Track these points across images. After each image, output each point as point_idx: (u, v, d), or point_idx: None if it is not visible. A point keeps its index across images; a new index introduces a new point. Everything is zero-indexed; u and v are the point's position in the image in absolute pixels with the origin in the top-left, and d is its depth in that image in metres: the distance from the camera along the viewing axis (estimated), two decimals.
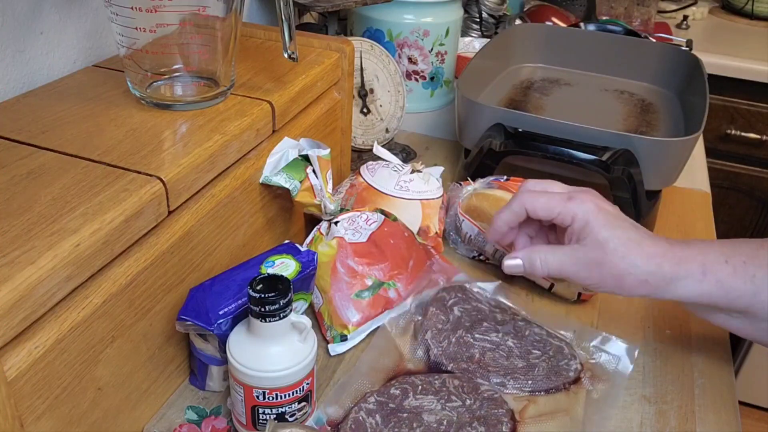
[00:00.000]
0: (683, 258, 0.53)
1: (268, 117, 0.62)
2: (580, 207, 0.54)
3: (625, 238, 0.53)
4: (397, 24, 1.02)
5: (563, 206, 0.54)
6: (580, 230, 0.54)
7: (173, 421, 0.54)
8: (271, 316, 0.47)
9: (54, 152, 0.51)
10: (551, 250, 0.55)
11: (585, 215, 0.53)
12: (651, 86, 1.02)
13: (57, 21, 0.65)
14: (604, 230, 0.53)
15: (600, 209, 0.54)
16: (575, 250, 0.54)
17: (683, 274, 0.52)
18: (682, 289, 0.53)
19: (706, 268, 0.52)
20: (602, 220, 0.53)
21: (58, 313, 0.42)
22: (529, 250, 0.56)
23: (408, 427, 0.52)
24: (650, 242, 0.53)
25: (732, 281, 0.52)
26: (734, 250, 0.53)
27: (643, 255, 0.52)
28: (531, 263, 0.56)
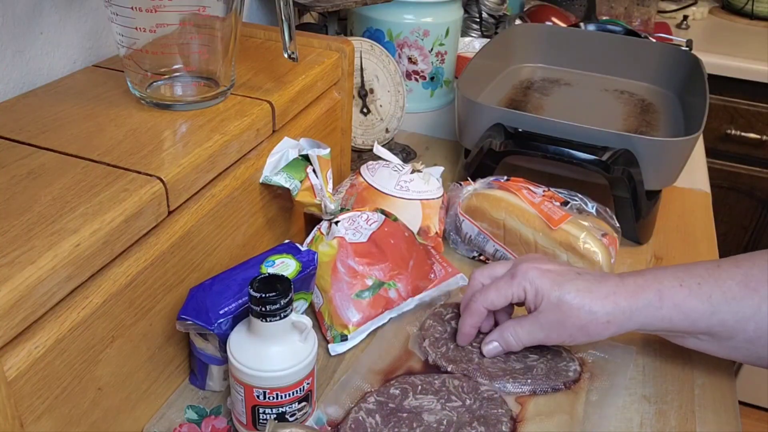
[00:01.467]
0: (637, 288, 0.54)
1: (268, 117, 0.62)
2: (525, 279, 0.56)
3: (575, 290, 0.54)
4: (397, 24, 1.02)
5: (511, 287, 0.57)
6: (533, 299, 0.56)
7: (173, 421, 0.54)
8: (271, 316, 0.47)
9: (54, 152, 0.51)
10: (519, 324, 0.58)
11: (532, 284, 0.56)
12: (651, 86, 1.02)
13: (57, 21, 0.65)
14: (554, 291, 0.54)
15: (543, 273, 0.56)
16: (537, 318, 0.56)
17: (641, 305, 0.53)
18: (644, 318, 0.54)
19: (662, 294, 0.53)
20: (548, 283, 0.55)
21: (58, 313, 0.42)
22: (501, 330, 0.59)
23: (408, 426, 0.52)
24: (598, 285, 0.55)
25: (689, 303, 0.53)
26: (688, 273, 0.54)
27: (597, 299, 0.54)
28: (506, 342, 0.58)
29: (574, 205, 0.70)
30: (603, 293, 0.54)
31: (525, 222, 0.68)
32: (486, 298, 0.58)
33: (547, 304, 0.55)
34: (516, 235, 0.69)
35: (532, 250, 0.69)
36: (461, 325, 0.60)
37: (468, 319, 0.60)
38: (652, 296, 0.53)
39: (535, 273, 0.56)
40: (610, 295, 0.54)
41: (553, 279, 0.55)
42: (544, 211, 0.68)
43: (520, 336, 0.57)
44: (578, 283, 0.55)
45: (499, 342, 0.59)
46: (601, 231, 0.67)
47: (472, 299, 0.59)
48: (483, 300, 0.58)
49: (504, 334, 0.58)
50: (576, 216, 0.68)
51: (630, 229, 0.77)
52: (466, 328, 0.60)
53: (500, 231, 0.70)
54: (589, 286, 0.54)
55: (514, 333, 0.58)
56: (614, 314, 0.53)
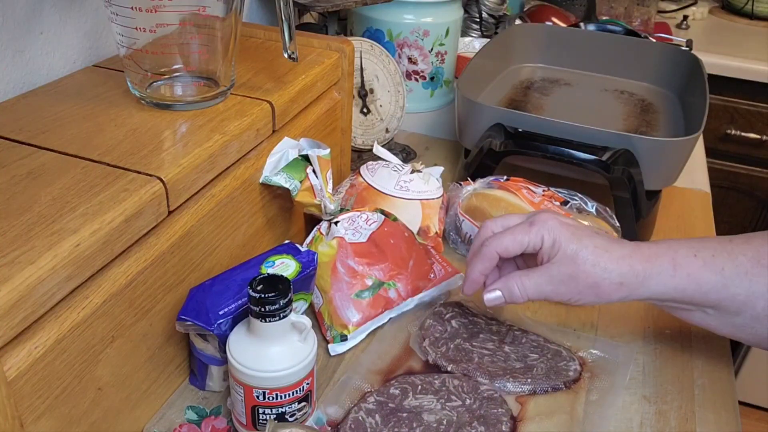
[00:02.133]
0: (652, 255, 0.54)
1: (268, 117, 0.62)
2: (544, 227, 0.55)
3: (593, 246, 0.54)
4: (397, 24, 1.02)
5: (528, 234, 0.55)
6: (549, 249, 0.55)
7: (173, 421, 0.54)
8: (271, 316, 0.47)
9: (54, 152, 0.51)
10: (526, 275, 0.56)
11: (551, 234, 0.54)
12: (651, 86, 1.02)
13: (57, 21, 0.65)
14: (572, 243, 0.54)
15: (562, 224, 0.55)
16: (548, 269, 0.55)
17: (656, 271, 0.53)
18: (656, 285, 0.53)
19: (676, 263, 0.53)
20: (567, 234, 0.54)
21: (58, 313, 0.42)
22: (506, 280, 0.56)
23: (408, 426, 0.52)
24: (617, 246, 0.54)
25: (702, 274, 0.53)
26: (703, 245, 0.54)
27: (613, 259, 0.53)
28: (510, 292, 0.56)
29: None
30: (619, 254, 0.53)
31: None
32: (500, 242, 0.56)
33: (562, 256, 0.53)
34: None
35: None
36: (469, 272, 0.58)
37: (478, 264, 0.57)
38: (667, 263, 0.53)
39: (554, 223, 0.55)
40: (626, 257, 0.53)
41: (572, 232, 0.54)
42: None
43: (527, 287, 0.55)
44: (596, 240, 0.54)
45: (503, 291, 0.56)
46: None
47: (485, 244, 0.57)
48: (497, 244, 0.56)
49: (509, 284, 0.56)
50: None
51: (630, 229, 0.77)
52: (475, 274, 0.58)
53: None
54: (606, 245, 0.54)
55: (521, 283, 0.55)
56: (628, 276, 0.53)
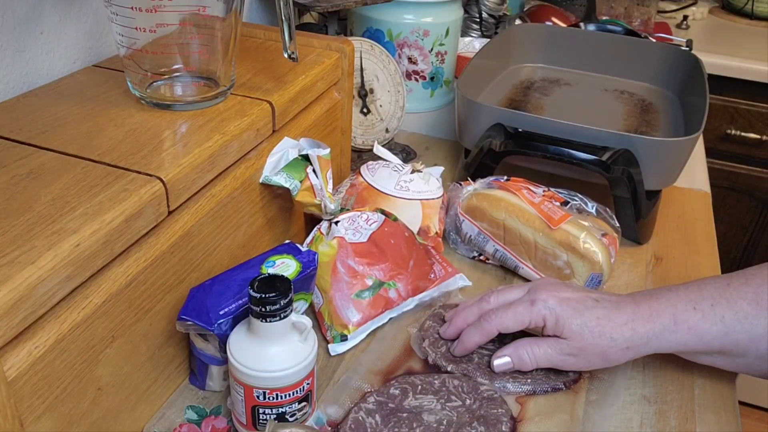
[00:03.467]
0: (653, 314, 0.55)
1: (268, 117, 0.62)
2: (545, 306, 0.56)
3: (595, 318, 0.55)
4: (397, 24, 1.02)
5: (530, 314, 0.56)
6: (553, 326, 0.56)
7: (173, 421, 0.54)
8: (271, 316, 0.47)
9: (54, 152, 0.51)
10: (536, 344, 0.57)
11: (553, 313, 0.55)
12: (651, 86, 1.02)
13: (57, 21, 0.65)
14: (575, 319, 0.55)
15: (562, 301, 0.56)
16: (557, 343, 0.56)
17: (658, 329, 0.54)
18: (660, 342, 0.55)
19: (676, 318, 0.54)
20: (569, 311, 0.55)
21: (58, 313, 0.42)
22: (515, 347, 0.58)
23: (408, 426, 0.52)
24: (618, 313, 0.55)
25: (703, 326, 0.54)
26: (701, 295, 0.55)
27: (616, 327, 0.54)
28: (520, 359, 0.57)
29: (574, 205, 0.70)
30: (622, 320, 0.54)
31: (525, 222, 0.68)
32: (501, 320, 0.57)
33: (569, 333, 0.55)
34: (516, 235, 0.69)
35: (532, 250, 0.69)
36: (465, 339, 0.59)
37: (476, 336, 0.59)
38: (667, 321, 0.54)
39: (554, 302, 0.56)
40: (629, 322, 0.54)
41: (573, 307, 0.55)
42: (544, 211, 0.68)
43: (538, 357, 0.57)
44: (597, 311, 0.55)
45: (513, 359, 0.58)
46: (601, 231, 0.67)
47: (486, 318, 0.58)
48: (498, 322, 0.57)
49: (519, 352, 0.57)
50: (576, 216, 0.68)
51: (630, 229, 0.77)
52: (471, 344, 0.59)
53: (500, 231, 0.70)
54: (608, 314, 0.55)
55: (531, 352, 0.57)
56: (633, 340, 0.54)
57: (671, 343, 0.54)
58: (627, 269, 0.75)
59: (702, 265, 0.77)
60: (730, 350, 0.54)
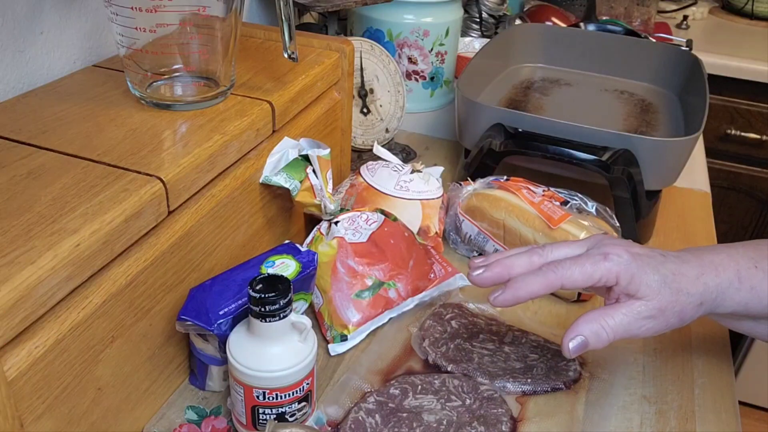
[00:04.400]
0: (717, 267, 0.52)
1: (268, 117, 0.62)
2: (619, 262, 0.50)
3: (671, 273, 0.51)
4: (397, 24, 1.02)
5: (603, 269, 0.50)
6: (626, 285, 0.50)
7: (173, 421, 0.54)
8: (271, 316, 0.47)
9: (54, 152, 0.51)
10: (609, 315, 0.50)
11: (628, 269, 0.50)
12: (651, 86, 1.02)
13: (57, 21, 0.65)
14: (654, 275, 0.50)
15: (635, 256, 0.51)
16: (633, 306, 0.50)
17: (725, 285, 0.51)
18: (724, 300, 0.51)
19: (740, 275, 0.51)
20: (645, 267, 0.50)
21: (58, 313, 0.42)
22: (586, 323, 0.50)
23: (408, 426, 0.52)
24: (688, 266, 0.51)
25: (764, 286, 0.51)
26: (759, 254, 0.52)
27: (691, 281, 0.51)
28: (597, 336, 0.50)
29: (574, 205, 0.70)
30: (694, 274, 0.51)
31: (525, 222, 0.68)
32: (569, 272, 0.51)
33: (647, 291, 0.50)
34: (516, 234, 0.69)
35: None
36: (520, 287, 0.51)
37: (536, 285, 0.51)
38: (732, 276, 0.51)
39: (628, 257, 0.51)
40: (700, 276, 0.51)
41: (647, 263, 0.51)
42: (544, 211, 0.68)
43: (615, 329, 0.50)
44: (670, 266, 0.51)
45: (588, 337, 0.50)
46: (601, 230, 0.67)
47: (549, 267, 0.51)
48: (564, 273, 0.50)
49: (593, 327, 0.50)
50: (576, 215, 0.68)
51: (630, 229, 0.77)
52: (525, 293, 0.51)
53: (500, 231, 0.70)
54: (680, 268, 0.51)
55: (607, 325, 0.50)
56: (705, 295, 0.51)
57: (733, 302, 0.51)
58: None
59: None
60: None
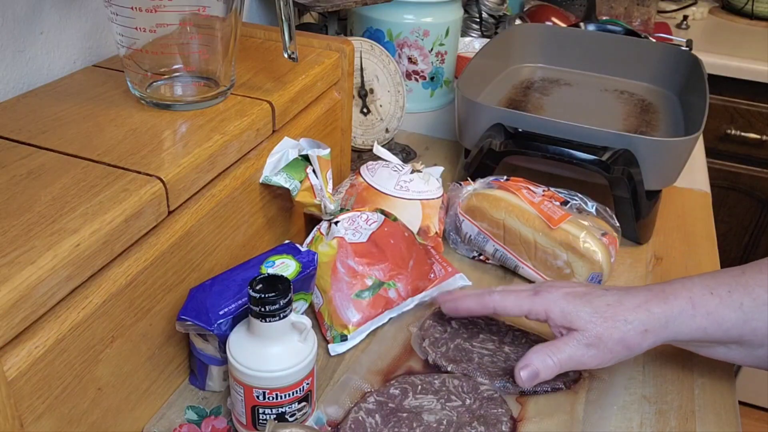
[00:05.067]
0: (669, 296, 0.53)
1: (268, 117, 0.62)
2: (548, 299, 0.54)
3: (605, 304, 0.53)
4: (397, 24, 1.02)
5: (532, 302, 0.55)
6: (561, 320, 0.54)
7: (173, 421, 0.54)
8: (271, 316, 0.47)
9: (54, 152, 0.51)
10: (554, 346, 0.54)
11: (557, 304, 0.54)
12: (651, 86, 1.02)
13: (57, 21, 0.65)
14: (585, 307, 0.53)
15: (567, 294, 0.54)
16: (573, 336, 0.53)
17: (676, 311, 0.52)
18: (679, 326, 0.53)
19: (694, 302, 0.52)
20: (576, 303, 0.53)
21: (58, 313, 0.42)
22: (535, 353, 0.54)
23: (408, 426, 0.52)
24: (630, 297, 0.53)
25: (722, 311, 0.52)
26: (716, 282, 0.53)
27: (630, 309, 0.52)
28: (544, 364, 0.54)
29: (574, 205, 0.70)
30: (635, 303, 0.53)
31: (525, 222, 0.68)
32: (503, 301, 0.56)
33: (580, 322, 0.53)
34: (516, 234, 0.69)
35: (532, 249, 0.69)
36: (460, 301, 0.58)
37: (472, 303, 0.57)
38: (685, 303, 0.52)
39: (559, 293, 0.54)
40: (642, 304, 0.53)
41: (580, 298, 0.54)
42: (544, 211, 0.68)
43: (561, 358, 0.53)
44: (607, 298, 0.54)
45: (539, 366, 0.54)
46: (601, 230, 0.67)
47: (488, 294, 0.57)
48: (499, 300, 0.56)
49: (541, 357, 0.54)
50: (576, 215, 0.68)
51: (630, 229, 0.77)
52: (463, 307, 0.58)
53: (500, 231, 0.70)
54: (619, 299, 0.53)
55: (554, 356, 0.53)
56: (650, 322, 0.52)
57: (690, 328, 0.52)
58: (627, 269, 0.75)
59: (702, 265, 0.77)
60: (749, 340, 0.52)
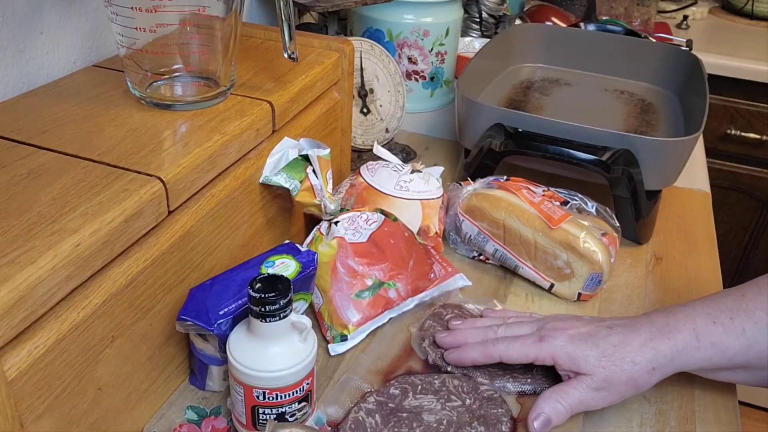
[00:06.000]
0: (671, 330, 0.53)
1: (268, 117, 0.62)
2: (554, 345, 0.54)
3: (611, 346, 0.53)
4: (397, 24, 1.02)
5: (538, 349, 0.55)
6: (568, 364, 0.54)
7: (173, 421, 0.54)
8: (271, 316, 0.47)
9: (54, 152, 0.51)
10: (564, 391, 0.54)
11: (563, 350, 0.54)
12: (651, 86, 1.02)
13: (57, 21, 0.65)
14: (591, 351, 0.53)
15: (573, 337, 0.54)
16: (582, 381, 0.54)
17: (681, 346, 0.53)
18: (685, 360, 0.53)
19: (698, 333, 0.53)
20: (582, 346, 0.54)
21: (58, 313, 0.42)
22: (546, 401, 0.54)
23: (408, 426, 0.52)
24: (633, 335, 0.54)
25: (725, 340, 0.52)
26: (718, 308, 0.53)
27: (636, 349, 0.53)
28: (557, 412, 0.54)
29: (574, 205, 0.70)
30: (640, 342, 0.53)
31: (525, 222, 0.68)
32: (506, 350, 0.56)
33: (588, 367, 0.53)
34: (516, 234, 0.69)
35: (532, 249, 0.69)
36: (464, 354, 0.58)
37: (476, 354, 0.57)
38: (689, 336, 0.53)
39: (564, 338, 0.54)
40: (648, 342, 0.53)
41: (585, 340, 0.54)
42: (544, 211, 0.68)
43: (571, 403, 0.53)
44: (612, 339, 0.54)
45: (550, 413, 0.54)
46: (601, 230, 0.67)
47: (492, 342, 0.57)
48: (502, 350, 0.56)
49: (552, 405, 0.54)
50: (576, 215, 0.68)
51: (630, 229, 0.77)
52: (467, 359, 0.57)
53: (500, 231, 0.70)
54: (624, 339, 0.54)
55: (564, 402, 0.53)
56: (657, 360, 0.53)
57: (695, 359, 0.53)
58: (627, 269, 0.75)
59: (702, 265, 0.77)
60: (754, 364, 0.53)
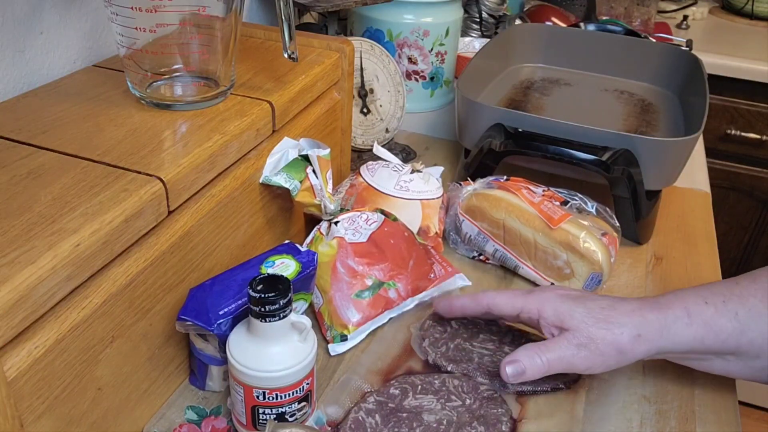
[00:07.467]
0: (663, 305, 0.53)
1: (268, 117, 0.62)
2: (541, 297, 0.54)
3: (599, 307, 0.53)
4: (397, 24, 1.02)
5: (525, 300, 0.55)
6: (553, 319, 0.53)
7: (173, 421, 0.54)
8: (271, 316, 0.47)
9: (54, 152, 0.51)
10: (545, 345, 0.53)
11: (551, 304, 0.54)
12: (651, 86, 1.02)
13: (57, 21, 0.65)
14: (577, 308, 0.53)
15: (561, 295, 0.54)
16: (564, 336, 0.53)
17: (670, 320, 0.52)
18: (674, 335, 0.52)
19: (689, 311, 0.52)
20: (570, 302, 0.53)
21: (58, 313, 0.42)
22: (525, 350, 0.54)
23: (408, 426, 0.52)
24: (624, 302, 0.53)
25: (718, 321, 0.51)
26: (711, 292, 0.53)
27: (623, 313, 0.52)
28: (532, 361, 0.53)
29: (574, 205, 0.71)
30: (628, 308, 0.52)
31: (525, 222, 0.68)
32: (495, 298, 0.57)
33: (572, 322, 0.52)
34: (516, 234, 0.69)
35: (532, 249, 0.69)
36: (455, 300, 0.59)
37: (466, 300, 0.59)
38: (680, 312, 0.52)
39: (552, 295, 0.55)
40: (636, 309, 0.52)
41: (573, 299, 0.54)
42: (544, 211, 0.68)
43: (551, 358, 0.52)
44: (601, 301, 0.53)
45: (526, 363, 0.53)
46: (601, 230, 0.67)
47: (483, 293, 0.59)
48: (492, 297, 0.57)
49: (530, 353, 0.53)
50: (576, 215, 0.68)
51: (630, 229, 0.77)
52: (457, 305, 0.59)
53: (500, 231, 0.70)
54: (612, 303, 0.53)
55: (543, 355, 0.53)
56: (643, 327, 0.51)
57: (686, 337, 0.52)
58: (627, 269, 0.75)
59: (702, 265, 0.77)
60: (745, 351, 0.52)
